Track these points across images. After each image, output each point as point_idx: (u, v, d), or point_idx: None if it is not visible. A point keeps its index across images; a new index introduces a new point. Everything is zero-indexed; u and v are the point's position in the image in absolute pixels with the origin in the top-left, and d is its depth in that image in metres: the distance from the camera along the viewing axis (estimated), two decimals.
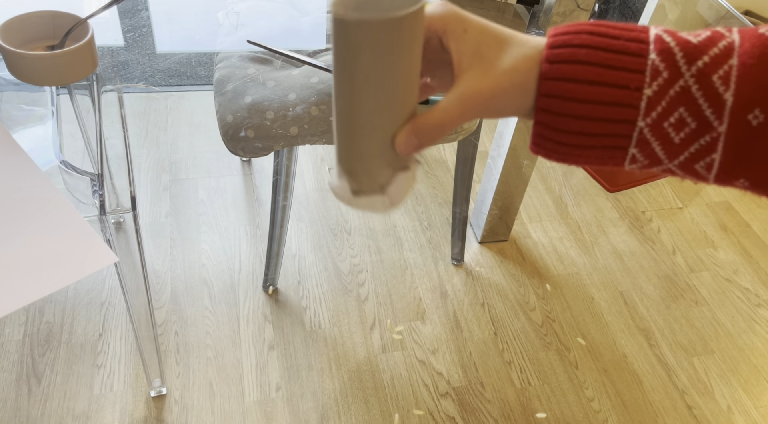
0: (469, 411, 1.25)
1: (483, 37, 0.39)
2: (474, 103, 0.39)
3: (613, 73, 0.36)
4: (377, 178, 0.42)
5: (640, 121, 0.37)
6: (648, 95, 0.36)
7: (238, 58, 1.14)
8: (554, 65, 0.37)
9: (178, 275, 1.41)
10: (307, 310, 1.38)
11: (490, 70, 0.39)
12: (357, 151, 0.41)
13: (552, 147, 0.40)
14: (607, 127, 0.37)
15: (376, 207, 0.43)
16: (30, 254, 0.70)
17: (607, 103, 0.37)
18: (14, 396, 1.17)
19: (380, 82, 0.37)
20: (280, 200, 1.22)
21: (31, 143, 0.83)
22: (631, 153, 0.38)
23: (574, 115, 0.37)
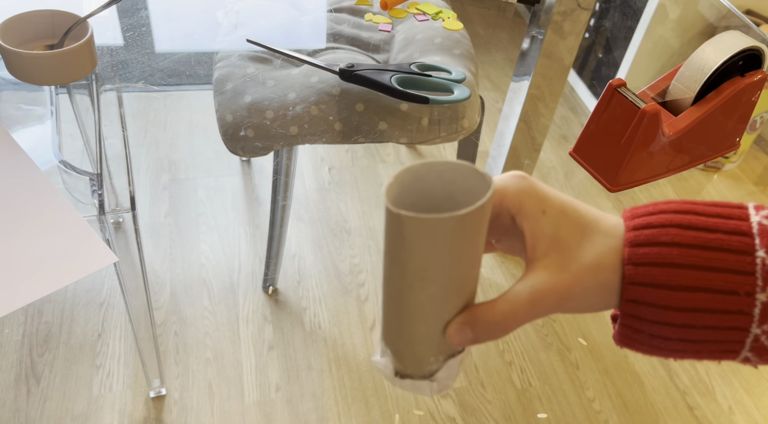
0: (469, 412, 1.24)
1: (563, 222, 0.34)
2: (548, 302, 0.33)
3: (716, 275, 0.31)
4: (425, 366, 0.38)
5: (755, 329, 0.31)
6: (762, 301, 0.30)
7: (238, 58, 1.14)
8: (641, 268, 0.32)
9: (177, 275, 1.40)
10: (306, 310, 1.37)
11: (571, 264, 0.33)
12: (405, 337, 0.37)
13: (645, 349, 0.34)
14: (713, 335, 0.32)
15: (423, 391, 0.39)
16: (29, 254, 0.70)
17: (712, 311, 0.31)
18: (13, 397, 1.16)
19: (436, 277, 0.33)
20: (280, 200, 1.22)
21: (30, 143, 0.82)
22: (745, 355, 0.33)
23: (671, 324, 0.32)
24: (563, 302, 0.34)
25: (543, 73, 1.25)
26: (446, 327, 0.36)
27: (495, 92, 2.10)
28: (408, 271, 0.33)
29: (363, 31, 1.25)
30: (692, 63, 0.81)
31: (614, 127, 0.79)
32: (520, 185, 0.35)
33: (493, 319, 0.34)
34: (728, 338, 0.32)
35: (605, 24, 2.02)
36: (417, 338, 0.37)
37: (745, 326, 0.31)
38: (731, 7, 1.45)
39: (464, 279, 0.35)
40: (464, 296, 0.35)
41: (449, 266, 0.33)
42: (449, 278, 0.34)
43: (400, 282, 0.34)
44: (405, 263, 0.33)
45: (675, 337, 0.32)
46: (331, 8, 1.29)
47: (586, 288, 0.33)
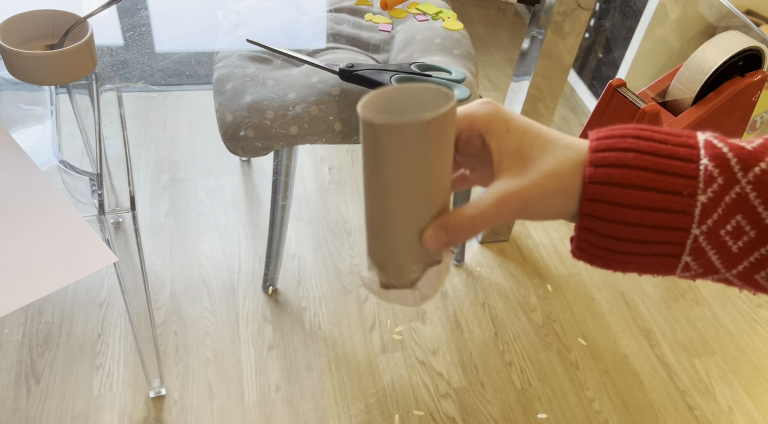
0: (469, 412, 1.24)
1: (526, 138, 0.38)
2: (511, 205, 0.37)
3: (664, 178, 0.35)
4: (407, 274, 0.41)
5: (695, 229, 0.35)
6: (702, 202, 0.34)
7: (238, 58, 1.14)
8: (600, 169, 0.36)
9: (177, 275, 1.40)
10: (306, 310, 1.37)
11: (532, 171, 0.37)
12: (386, 247, 0.40)
13: (598, 253, 0.38)
14: (658, 235, 0.36)
15: (407, 301, 0.43)
16: (29, 254, 0.70)
17: (659, 210, 0.35)
18: (13, 397, 1.16)
19: (409, 183, 0.37)
20: (280, 200, 1.22)
21: (30, 143, 0.82)
22: (684, 261, 0.36)
23: (622, 222, 0.36)
24: (526, 206, 0.37)
25: (543, 74, 1.25)
26: (423, 231, 0.39)
27: (495, 92, 2.10)
28: (384, 180, 0.37)
29: (363, 31, 1.25)
30: (692, 63, 0.81)
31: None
32: (487, 109, 0.39)
33: (462, 221, 0.38)
34: (671, 239, 0.36)
35: (605, 24, 2.02)
36: (397, 247, 0.40)
37: (687, 227, 0.35)
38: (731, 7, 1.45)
39: (435, 187, 0.38)
40: (437, 205, 0.39)
41: (421, 171, 0.36)
42: (421, 184, 0.37)
43: (379, 193, 0.38)
44: (381, 172, 0.36)
45: (625, 237, 0.36)
46: (331, 8, 1.29)
47: (546, 192, 0.37)
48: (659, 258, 0.37)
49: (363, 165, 0.38)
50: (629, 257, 0.37)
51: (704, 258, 0.36)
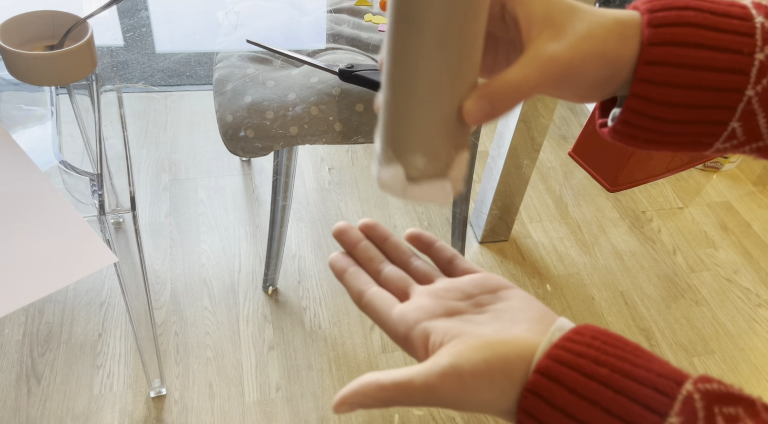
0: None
1: (553, 3, 0.36)
2: (554, 68, 0.34)
3: (725, 36, 0.33)
4: (441, 158, 0.36)
5: (750, 90, 0.33)
6: (760, 60, 0.33)
7: (238, 58, 1.14)
8: (661, 29, 0.33)
9: (177, 275, 1.40)
10: (307, 310, 1.38)
11: (566, 36, 0.35)
12: (421, 126, 0.35)
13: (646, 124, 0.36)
14: (714, 98, 0.34)
15: (436, 195, 0.38)
16: (29, 254, 0.70)
17: (719, 70, 0.33)
18: (14, 396, 1.16)
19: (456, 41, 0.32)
20: (280, 200, 1.22)
21: (30, 143, 0.83)
22: (732, 128, 0.35)
23: (681, 85, 0.34)
24: (566, 70, 0.35)
25: None
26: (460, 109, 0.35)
27: None
28: (427, 32, 0.32)
29: (363, 31, 1.25)
30: None
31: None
32: None
33: (507, 86, 0.35)
34: (725, 103, 0.34)
35: None
36: (435, 124, 0.35)
37: (742, 88, 0.33)
38: None
39: (476, 50, 0.34)
40: (473, 74, 0.35)
41: (469, 21, 0.32)
42: (467, 38, 0.33)
43: (417, 53, 0.33)
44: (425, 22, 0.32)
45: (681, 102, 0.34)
46: (331, 9, 1.29)
47: (585, 56, 0.35)
48: (707, 126, 0.35)
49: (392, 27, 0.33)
50: (678, 126, 0.35)
51: (752, 122, 0.34)
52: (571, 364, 0.33)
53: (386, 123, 0.37)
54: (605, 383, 0.32)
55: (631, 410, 0.31)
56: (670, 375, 0.32)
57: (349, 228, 0.46)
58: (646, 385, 0.32)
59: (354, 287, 0.43)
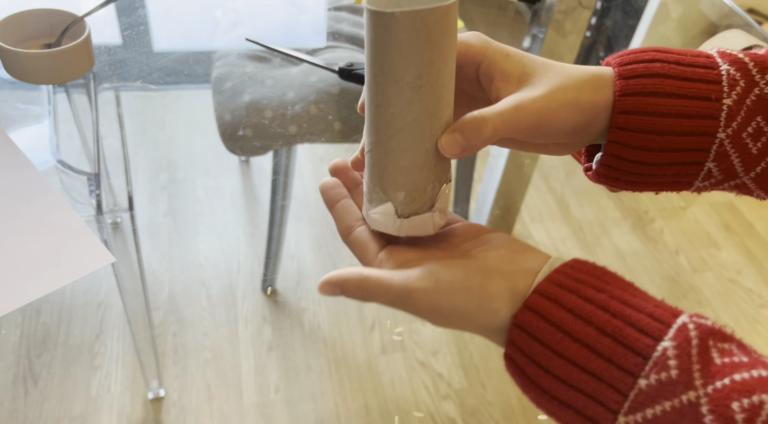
0: (470, 413, 1.24)
1: (526, 60, 0.38)
2: (529, 110, 0.36)
3: (692, 84, 0.35)
4: (427, 193, 0.40)
5: (721, 133, 0.35)
6: (728, 105, 0.35)
7: (237, 57, 1.13)
8: (631, 80, 0.36)
9: (175, 276, 1.40)
10: (306, 311, 1.37)
11: (541, 86, 0.37)
12: (407, 166, 0.39)
13: (626, 167, 0.38)
14: (687, 142, 0.36)
15: (426, 226, 0.41)
16: (26, 255, 0.69)
17: (689, 116, 0.35)
18: (11, 398, 1.16)
19: (430, 84, 0.35)
20: (279, 200, 1.21)
21: (27, 142, 0.82)
22: (707, 168, 0.37)
23: (654, 132, 0.36)
24: (544, 117, 0.37)
25: None
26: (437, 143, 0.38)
27: None
28: (405, 82, 0.35)
29: (362, 29, 1.24)
30: None
31: None
32: (481, 38, 0.39)
33: (480, 122, 0.36)
34: (699, 146, 0.36)
35: (606, 23, 2.02)
36: (419, 162, 0.38)
37: (714, 132, 0.35)
38: (733, 5, 1.44)
39: (450, 89, 0.37)
40: (449, 114, 0.38)
41: (440, 67, 0.35)
42: (441, 83, 0.36)
43: (398, 101, 0.36)
44: (401, 73, 0.35)
45: (656, 147, 0.36)
46: (331, 7, 1.29)
47: (560, 104, 0.37)
48: (684, 167, 0.37)
49: (372, 77, 0.36)
50: (657, 168, 0.37)
51: (726, 162, 0.36)
52: (570, 288, 0.34)
53: (373, 166, 0.40)
54: (602, 307, 0.33)
55: (626, 332, 0.31)
56: (666, 308, 0.33)
57: (348, 169, 0.47)
58: (642, 312, 0.32)
59: (344, 220, 0.44)
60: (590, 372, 0.32)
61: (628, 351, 0.31)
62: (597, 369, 0.31)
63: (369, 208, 0.42)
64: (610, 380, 0.31)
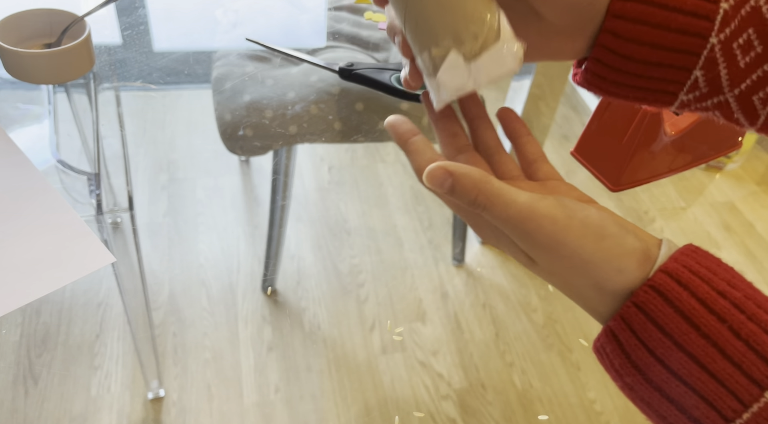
0: (470, 413, 1.24)
1: None
2: None
3: None
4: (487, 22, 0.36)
5: (713, 38, 0.35)
6: (725, 9, 0.35)
7: (237, 57, 1.13)
8: None
9: (175, 276, 1.40)
10: (306, 311, 1.37)
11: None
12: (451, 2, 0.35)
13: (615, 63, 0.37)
14: (680, 41, 0.35)
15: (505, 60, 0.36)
16: (26, 254, 0.69)
17: (686, 13, 0.35)
18: (11, 398, 1.16)
19: None
20: (279, 200, 1.21)
21: (27, 142, 0.82)
22: (695, 76, 0.36)
23: (650, 23, 0.35)
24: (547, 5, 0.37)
25: (544, 72, 1.25)
26: None
27: (496, 91, 2.09)
28: None
29: (363, 29, 1.24)
30: None
31: (616, 127, 0.79)
32: None
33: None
34: (690, 48, 0.35)
35: None
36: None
37: (707, 34, 0.35)
38: None
39: None
40: None
41: None
42: None
43: None
44: None
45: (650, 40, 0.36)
46: (331, 6, 1.29)
47: None
48: (672, 71, 0.36)
49: None
50: (645, 67, 0.36)
51: (714, 72, 0.36)
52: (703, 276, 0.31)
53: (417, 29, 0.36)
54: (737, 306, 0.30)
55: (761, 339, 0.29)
56: None
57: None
58: None
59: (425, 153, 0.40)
60: (712, 373, 0.30)
61: (761, 360, 0.29)
62: (721, 372, 0.29)
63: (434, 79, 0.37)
64: (734, 386, 0.29)
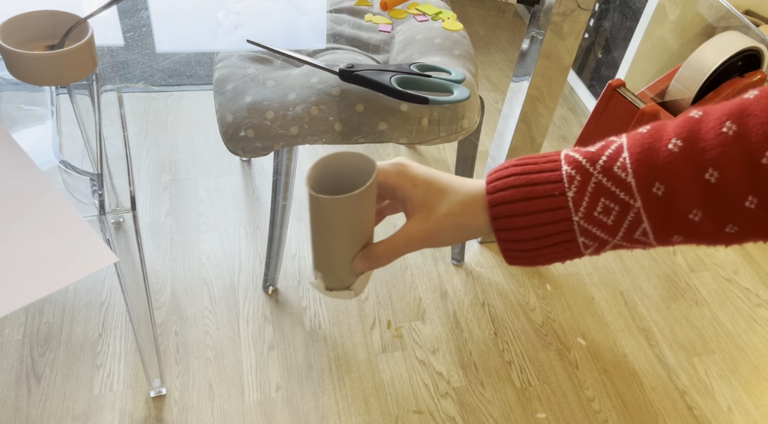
0: (469, 411, 1.25)
1: (429, 190, 0.51)
2: (415, 240, 0.51)
3: (539, 187, 0.46)
4: (345, 281, 0.57)
5: (575, 217, 0.45)
6: (571, 196, 0.45)
7: (238, 58, 1.14)
8: (493, 195, 0.48)
9: (177, 275, 1.40)
10: (307, 310, 1.38)
11: (432, 215, 0.50)
12: (330, 267, 0.56)
13: (517, 255, 0.49)
14: (551, 229, 0.46)
15: (344, 297, 0.58)
16: (30, 254, 0.70)
17: (543, 211, 0.46)
18: (14, 396, 1.16)
19: (346, 231, 0.52)
20: (280, 200, 1.22)
21: (30, 143, 0.83)
22: (581, 241, 0.46)
23: (523, 227, 0.47)
24: (428, 240, 0.51)
25: (542, 74, 1.26)
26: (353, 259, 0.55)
27: (495, 93, 2.10)
28: (329, 228, 0.52)
29: (363, 31, 1.25)
30: (691, 63, 0.81)
31: (613, 128, 0.79)
32: (398, 169, 0.52)
33: (379, 253, 0.53)
34: (562, 229, 0.46)
35: (605, 24, 2.02)
36: (338, 266, 0.55)
37: (568, 217, 0.45)
38: (730, 7, 1.45)
39: (364, 230, 0.53)
40: (365, 239, 0.54)
41: (354, 223, 0.52)
42: (355, 229, 0.52)
43: (324, 234, 0.53)
44: (327, 225, 0.52)
45: (529, 237, 0.47)
46: (331, 9, 1.29)
47: (443, 228, 0.50)
48: (562, 245, 0.47)
49: (311, 219, 0.52)
50: (542, 249, 0.48)
51: (592, 235, 0.46)
52: None
53: (314, 257, 0.57)
54: None
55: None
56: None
57: None
58: None
59: None
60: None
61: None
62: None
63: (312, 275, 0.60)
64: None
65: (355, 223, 0.52)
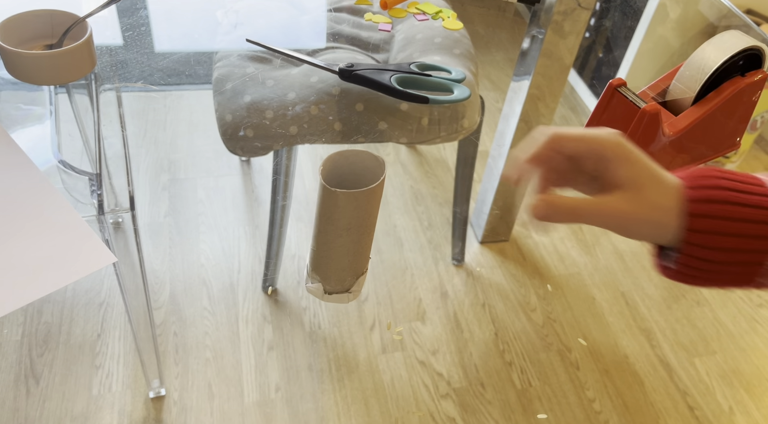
0: (469, 412, 1.24)
1: (643, 170, 0.47)
2: (612, 215, 0.47)
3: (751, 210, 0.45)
4: (345, 284, 0.57)
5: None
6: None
7: (237, 57, 1.14)
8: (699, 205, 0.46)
9: (176, 275, 1.40)
10: (306, 310, 1.37)
11: (643, 200, 0.46)
12: (333, 268, 0.55)
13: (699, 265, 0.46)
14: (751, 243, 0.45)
15: (343, 301, 0.58)
16: (28, 254, 0.70)
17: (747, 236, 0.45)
18: (12, 397, 1.16)
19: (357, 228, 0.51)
20: (280, 200, 1.22)
21: (29, 143, 0.82)
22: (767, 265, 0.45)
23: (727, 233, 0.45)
24: (626, 223, 0.47)
25: (543, 73, 1.25)
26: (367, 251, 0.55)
27: (495, 92, 2.09)
28: (339, 226, 0.51)
29: (363, 30, 1.25)
30: (692, 63, 0.80)
31: (614, 127, 0.79)
32: (618, 138, 0.48)
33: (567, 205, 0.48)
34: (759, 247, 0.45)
35: (605, 23, 2.02)
36: (343, 266, 0.55)
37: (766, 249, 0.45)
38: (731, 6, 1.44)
39: (370, 228, 0.53)
40: (369, 238, 0.54)
41: (364, 218, 0.51)
42: (363, 226, 0.52)
43: (332, 233, 0.52)
44: (337, 222, 0.51)
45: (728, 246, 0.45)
46: (331, 8, 1.29)
47: (644, 219, 0.46)
48: (746, 266, 0.46)
49: (318, 212, 0.51)
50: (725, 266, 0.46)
51: None
52: None
53: (314, 259, 0.56)
54: None
55: None
56: None
57: None
58: None
59: None
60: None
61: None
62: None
63: (308, 281, 0.58)
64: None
65: (364, 218, 0.51)
